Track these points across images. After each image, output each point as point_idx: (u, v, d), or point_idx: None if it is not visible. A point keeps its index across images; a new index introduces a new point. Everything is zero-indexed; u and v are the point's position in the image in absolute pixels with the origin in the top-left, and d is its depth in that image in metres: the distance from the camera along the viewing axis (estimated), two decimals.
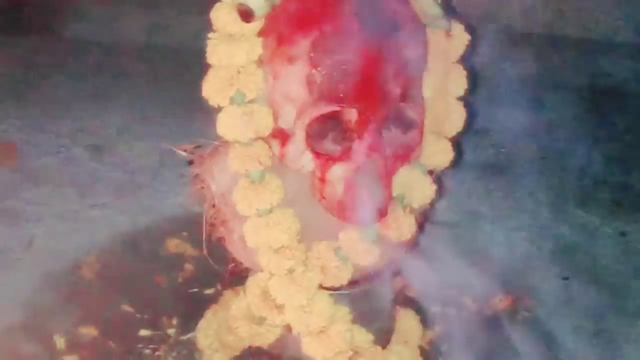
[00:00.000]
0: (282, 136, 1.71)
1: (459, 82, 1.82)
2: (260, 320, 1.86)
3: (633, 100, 3.46)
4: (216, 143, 1.83)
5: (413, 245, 1.95)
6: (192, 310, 2.10)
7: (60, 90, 3.44)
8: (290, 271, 1.74)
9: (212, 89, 1.69)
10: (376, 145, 1.69)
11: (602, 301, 2.34)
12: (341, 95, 1.65)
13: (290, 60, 1.67)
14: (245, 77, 1.68)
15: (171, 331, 2.09)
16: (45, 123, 3.15)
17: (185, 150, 2.01)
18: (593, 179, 2.92)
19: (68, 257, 2.34)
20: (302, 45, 1.65)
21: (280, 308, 1.78)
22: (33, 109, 3.25)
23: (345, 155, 1.69)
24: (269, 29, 1.69)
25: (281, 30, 1.68)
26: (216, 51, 1.68)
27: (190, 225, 2.29)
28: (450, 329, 2.16)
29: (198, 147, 1.97)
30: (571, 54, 3.55)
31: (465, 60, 1.83)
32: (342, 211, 1.73)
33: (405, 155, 1.77)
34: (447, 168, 1.86)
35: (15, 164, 2.86)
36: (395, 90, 1.69)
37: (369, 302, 1.90)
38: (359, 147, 1.69)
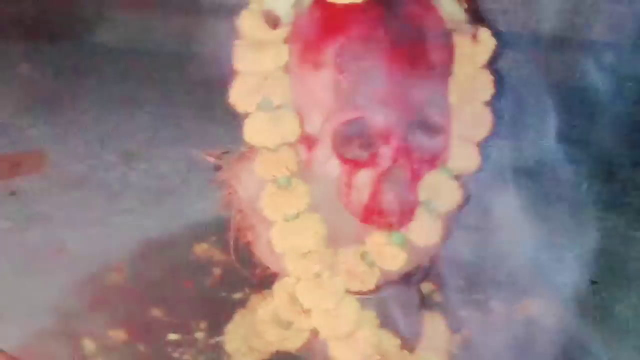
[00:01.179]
0: (308, 142, 1.72)
1: (485, 87, 1.82)
2: (288, 325, 1.87)
3: None
4: (243, 149, 1.84)
5: (440, 249, 1.96)
6: (220, 314, 2.10)
7: (90, 97, 3.47)
8: (317, 276, 1.75)
9: (239, 95, 1.71)
10: (402, 150, 1.70)
11: (630, 305, 2.32)
12: (367, 101, 1.66)
13: (317, 66, 1.68)
14: (272, 83, 1.70)
15: (199, 335, 2.10)
16: (75, 129, 3.18)
17: (213, 156, 2.02)
18: (621, 183, 2.90)
19: (98, 261, 2.36)
20: (328, 51, 1.66)
21: (307, 312, 1.79)
22: (63, 116, 3.28)
23: (371, 160, 1.70)
24: (296, 36, 1.70)
25: (307, 37, 1.69)
26: (243, 57, 1.70)
27: (218, 230, 2.30)
28: (478, 333, 2.15)
29: (226, 153, 1.99)
30: (599, 57, 3.52)
31: (492, 64, 1.83)
32: (368, 216, 1.74)
33: (432, 160, 1.77)
34: (473, 173, 1.86)
35: (45, 170, 2.89)
36: (421, 95, 1.69)
37: (395, 306, 1.90)
38: (385, 153, 1.69)
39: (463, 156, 1.82)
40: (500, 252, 2.46)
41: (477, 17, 1.82)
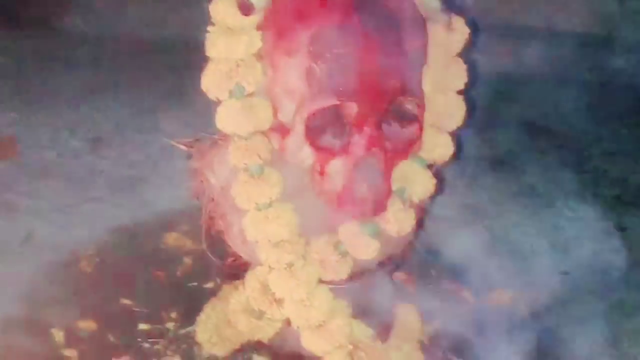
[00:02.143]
0: (281, 130, 1.71)
1: (459, 76, 1.82)
2: (260, 314, 1.86)
3: (632, 94, 3.46)
4: (215, 137, 1.83)
5: (413, 239, 1.96)
6: (191, 304, 2.09)
7: (59, 84, 3.43)
8: (290, 265, 1.74)
9: (211, 82, 1.69)
10: (376, 139, 1.69)
11: (602, 295, 2.33)
12: (340, 89, 1.64)
13: (290, 53, 1.66)
14: (245, 70, 1.68)
15: (170, 325, 2.08)
16: (44, 116, 3.14)
17: (184, 144, 2.01)
18: (592, 174, 2.92)
19: (66, 250, 2.34)
20: (302, 38, 1.65)
21: (279, 302, 1.79)
22: (31, 103, 3.24)
23: (344, 149, 1.69)
24: (269, 23, 1.69)
25: (281, 24, 1.67)
26: (215, 44, 1.68)
27: (190, 219, 2.29)
28: (449, 322, 2.16)
29: (197, 140, 1.97)
30: (570, 48, 3.55)
31: (465, 53, 1.83)
32: (341, 205, 1.73)
33: (405, 149, 1.76)
34: (446, 162, 1.85)
35: (14, 157, 2.86)
36: (395, 84, 1.68)
37: (368, 296, 1.90)
38: (359, 141, 1.68)
39: (436, 145, 1.82)
40: (471, 242, 2.47)
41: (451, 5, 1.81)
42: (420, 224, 1.95)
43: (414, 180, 1.78)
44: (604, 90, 3.43)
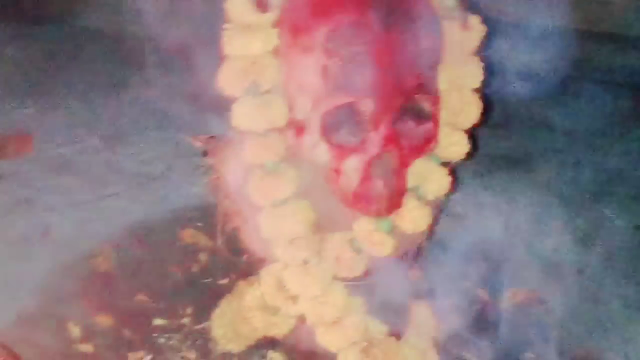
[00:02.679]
0: (297, 127, 1.72)
1: (475, 74, 1.81)
2: (275, 311, 1.86)
3: None
4: (231, 134, 1.83)
5: (428, 237, 1.96)
6: (207, 300, 2.10)
7: (76, 80, 3.45)
8: (305, 262, 1.74)
9: (227, 80, 1.69)
10: (391, 136, 1.69)
11: (617, 295, 2.33)
12: (356, 86, 1.65)
13: (306, 50, 1.66)
14: (261, 67, 1.68)
15: (186, 320, 2.09)
16: (61, 113, 3.16)
17: (200, 141, 2.01)
18: (607, 173, 2.91)
19: (83, 246, 2.34)
20: (318, 36, 1.65)
21: (294, 298, 1.79)
22: (48, 99, 3.26)
23: (360, 146, 1.69)
24: (285, 20, 1.69)
25: (297, 21, 1.68)
26: (231, 41, 1.68)
27: (205, 216, 2.29)
28: (463, 321, 2.16)
29: (213, 137, 1.98)
30: (588, 46, 3.53)
31: (482, 52, 1.83)
32: (356, 202, 1.73)
33: (421, 146, 1.76)
34: (462, 160, 1.85)
35: (30, 153, 2.88)
36: (411, 81, 1.68)
37: (383, 293, 1.90)
38: (374, 139, 1.69)
39: (452, 143, 1.82)
40: (487, 240, 2.47)
41: (467, 3, 1.81)
42: (435, 222, 1.95)
43: (430, 178, 1.78)
44: (620, 89, 3.42)
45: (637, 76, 3.50)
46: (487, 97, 1.94)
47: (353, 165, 1.70)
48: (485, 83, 1.84)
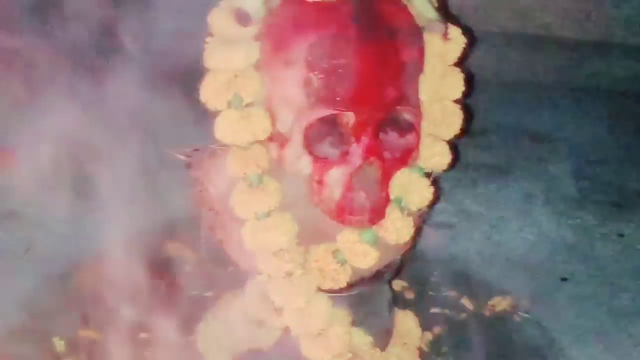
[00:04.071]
0: (279, 140, 1.72)
1: (456, 85, 1.82)
2: (259, 323, 1.87)
3: (630, 101, 3.46)
4: (214, 146, 1.83)
5: (411, 247, 1.96)
6: (192, 313, 2.10)
7: (59, 92, 3.43)
8: (289, 274, 1.74)
9: (209, 93, 1.70)
10: (373, 148, 1.70)
11: (600, 302, 2.34)
12: (338, 98, 1.65)
13: (287, 64, 1.67)
14: (243, 80, 1.69)
15: (171, 333, 2.09)
16: (44, 125, 3.14)
17: (183, 154, 2.01)
18: (591, 181, 2.92)
19: (67, 260, 2.34)
20: (299, 49, 1.66)
21: (279, 311, 1.79)
22: (31, 111, 3.24)
23: (342, 158, 1.70)
24: (267, 33, 1.70)
25: (278, 34, 1.68)
26: (214, 55, 1.69)
27: (189, 229, 2.29)
28: (448, 330, 2.17)
29: (196, 150, 1.98)
30: (566, 54, 3.55)
31: (463, 63, 1.84)
32: (340, 214, 1.74)
33: (403, 158, 1.77)
34: (444, 170, 1.86)
35: (14, 166, 2.86)
36: (392, 93, 1.69)
37: (367, 304, 1.91)
38: (357, 150, 1.69)
39: (434, 154, 1.82)
40: (470, 249, 2.48)
41: (447, 14, 1.82)
42: (418, 232, 1.96)
43: (412, 189, 1.79)
44: (602, 96, 3.44)
45: (620, 83, 3.52)
46: (470, 106, 1.96)
47: (336, 177, 1.70)
48: (468, 92, 1.85)
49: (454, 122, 1.82)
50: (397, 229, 1.78)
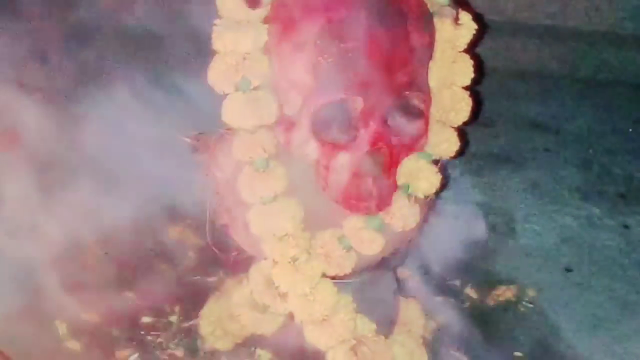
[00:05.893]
0: (287, 124, 1.71)
1: (466, 72, 1.81)
2: (263, 308, 1.86)
3: (637, 92, 3.46)
4: (221, 130, 1.82)
5: (417, 234, 1.95)
6: (195, 297, 2.09)
7: (63, 76, 3.42)
8: (294, 259, 1.73)
9: (217, 76, 1.68)
10: (381, 133, 1.69)
11: (605, 293, 2.34)
12: (347, 83, 1.64)
13: (297, 47, 1.66)
14: (251, 63, 1.68)
15: (173, 318, 2.08)
16: (48, 109, 3.14)
17: (190, 138, 2.00)
18: (596, 172, 2.91)
19: (71, 244, 2.33)
20: (309, 32, 1.64)
21: (283, 296, 1.78)
22: (36, 95, 3.24)
23: (350, 143, 1.69)
24: (275, 16, 1.68)
25: (288, 17, 1.67)
26: (222, 38, 1.67)
27: (194, 213, 2.29)
28: (452, 319, 2.16)
29: (202, 134, 1.97)
30: (575, 45, 3.54)
31: (472, 49, 1.83)
32: (346, 200, 1.73)
33: (411, 144, 1.76)
34: (452, 158, 1.85)
35: (18, 149, 2.85)
36: (402, 78, 1.68)
37: (372, 291, 1.90)
38: (364, 136, 1.68)
39: (442, 141, 1.81)
40: (475, 238, 2.47)
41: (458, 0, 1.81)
42: (425, 220, 1.94)
43: (420, 175, 1.77)
44: (609, 87, 3.43)
45: (628, 74, 3.51)
46: (478, 94, 1.94)
47: (343, 163, 1.69)
48: (476, 80, 1.83)
49: (463, 108, 1.81)
50: (403, 215, 1.77)
